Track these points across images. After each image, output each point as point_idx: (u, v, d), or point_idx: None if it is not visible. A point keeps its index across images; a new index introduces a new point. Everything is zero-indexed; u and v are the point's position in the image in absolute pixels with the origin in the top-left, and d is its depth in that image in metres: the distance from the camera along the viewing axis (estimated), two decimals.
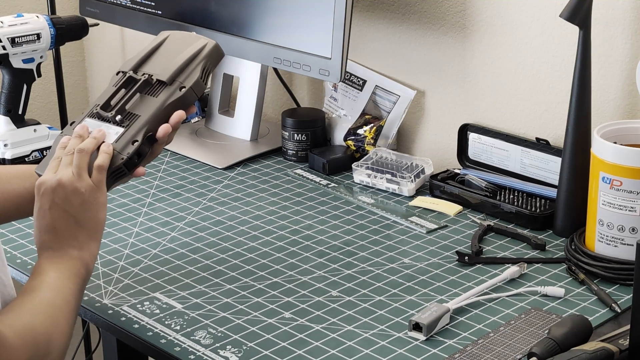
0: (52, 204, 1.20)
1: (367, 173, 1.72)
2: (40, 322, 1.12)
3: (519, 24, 1.65)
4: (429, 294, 1.36)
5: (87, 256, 1.21)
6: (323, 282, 1.40)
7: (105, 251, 1.50)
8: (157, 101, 1.29)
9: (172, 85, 1.30)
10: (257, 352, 1.23)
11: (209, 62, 1.34)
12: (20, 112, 1.85)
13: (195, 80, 1.31)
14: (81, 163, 1.22)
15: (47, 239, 1.20)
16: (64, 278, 1.18)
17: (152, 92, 1.31)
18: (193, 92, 1.31)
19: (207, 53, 1.33)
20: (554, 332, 1.18)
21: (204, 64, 1.32)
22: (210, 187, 1.74)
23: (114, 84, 1.35)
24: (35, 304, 1.14)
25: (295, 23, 1.70)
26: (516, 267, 1.39)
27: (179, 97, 1.29)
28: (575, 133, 1.47)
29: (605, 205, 1.36)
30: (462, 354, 1.20)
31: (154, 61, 1.34)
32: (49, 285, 1.16)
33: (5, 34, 1.78)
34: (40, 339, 1.11)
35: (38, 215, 1.21)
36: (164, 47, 1.37)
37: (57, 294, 1.16)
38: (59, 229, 1.20)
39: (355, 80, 1.87)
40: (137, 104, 1.30)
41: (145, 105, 1.29)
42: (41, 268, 1.19)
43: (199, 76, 1.31)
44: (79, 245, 1.20)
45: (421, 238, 1.53)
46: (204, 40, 1.35)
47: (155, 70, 1.32)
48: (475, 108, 1.75)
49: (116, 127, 1.28)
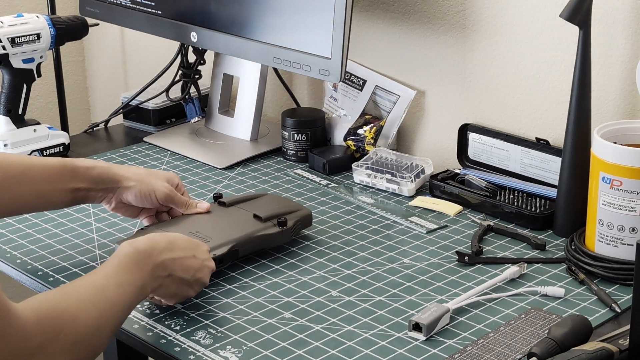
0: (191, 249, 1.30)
1: (367, 173, 1.72)
2: (66, 305, 1.09)
3: (519, 24, 1.65)
4: (429, 294, 1.35)
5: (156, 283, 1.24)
6: (323, 282, 1.40)
7: (105, 251, 1.50)
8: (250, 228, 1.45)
9: (266, 223, 1.46)
10: (257, 352, 1.22)
11: (300, 222, 1.49)
12: (20, 112, 1.85)
13: (287, 228, 1.46)
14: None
15: (143, 251, 1.23)
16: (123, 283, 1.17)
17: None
18: (281, 235, 1.46)
19: (303, 215, 1.50)
20: (554, 332, 1.18)
21: (295, 221, 1.48)
22: (210, 187, 1.74)
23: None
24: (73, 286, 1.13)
25: (295, 23, 1.70)
26: (516, 267, 1.39)
27: (269, 234, 1.44)
28: (575, 133, 1.47)
29: (605, 205, 1.36)
30: (462, 354, 1.20)
31: (253, 203, 1.52)
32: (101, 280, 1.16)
33: (5, 34, 1.78)
34: (64, 319, 1.07)
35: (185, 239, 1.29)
36: (263, 198, 1.54)
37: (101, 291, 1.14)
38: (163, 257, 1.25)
39: (355, 80, 1.87)
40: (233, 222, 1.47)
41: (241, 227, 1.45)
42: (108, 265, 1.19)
43: (291, 226, 1.46)
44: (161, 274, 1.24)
45: (421, 238, 1.53)
46: (300, 205, 1.54)
47: (254, 209, 1.50)
48: (475, 108, 1.75)
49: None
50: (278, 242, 1.47)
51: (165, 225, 1.45)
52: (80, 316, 1.09)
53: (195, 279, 1.29)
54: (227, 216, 1.48)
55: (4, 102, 1.83)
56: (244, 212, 1.49)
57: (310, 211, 1.52)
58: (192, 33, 1.86)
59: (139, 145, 1.95)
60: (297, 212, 1.50)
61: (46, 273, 1.43)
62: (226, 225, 1.45)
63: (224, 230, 1.43)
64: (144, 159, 1.87)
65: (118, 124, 2.10)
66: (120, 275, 1.17)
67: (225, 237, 1.41)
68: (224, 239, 1.41)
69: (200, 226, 1.43)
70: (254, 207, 1.50)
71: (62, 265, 1.45)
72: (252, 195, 1.55)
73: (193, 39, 1.87)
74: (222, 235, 1.42)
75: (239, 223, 1.46)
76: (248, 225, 1.45)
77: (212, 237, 1.40)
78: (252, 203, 1.52)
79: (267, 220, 1.46)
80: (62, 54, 2.17)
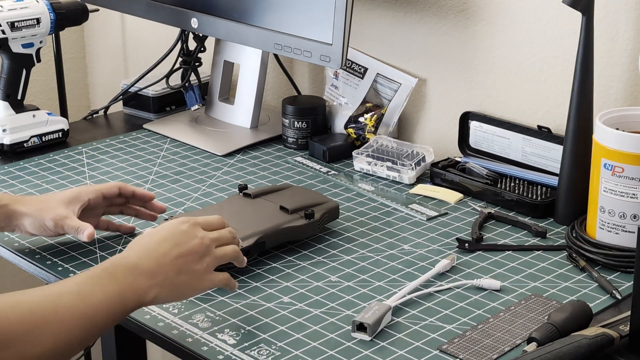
0: (179, 243, 1.17)
1: (368, 161, 1.71)
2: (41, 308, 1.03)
3: (521, 12, 1.64)
4: (428, 280, 1.35)
5: (149, 297, 1.13)
6: (322, 267, 1.39)
7: (104, 236, 1.49)
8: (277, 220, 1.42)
9: (293, 215, 1.44)
10: (255, 336, 1.22)
11: (327, 214, 1.47)
12: (19, 98, 1.84)
13: (314, 220, 1.44)
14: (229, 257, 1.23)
15: (138, 253, 1.15)
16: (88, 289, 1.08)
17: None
18: (308, 227, 1.43)
19: (330, 207, 1.48)
20: (554, 317, 1.17)
21: (322, 213, 1.46)
22: (209, 173, 1.73)
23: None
24: (47, 291, 1.07)
25: (296, 9, 1.69)
26: (447, 260, 1.38)
27: (296, 226, 1.42)
28: (577, 120, 1.46)
29: (607, 192, 1.36)
30: (462, 338, 1.20)
31: (279, 195, 1.49)
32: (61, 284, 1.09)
33: (4, 18, 1.77)
34: (36, 321, 1.02)
35: (158, 235, 1.17)
36: (289, 190, 1.52)
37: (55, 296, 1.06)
38: (160, 256, 1.15)
39: (356, 68, 1.86)
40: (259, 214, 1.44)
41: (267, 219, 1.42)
42: (98, 271, 1.11)
43: (318, 218, 1.44)
44: (155, 284, 1.13)
45: (421, 225, 1.52)
46: (327, 197, 1.52)
47: (280, 200, 1.47)
48: (477, 96, 1.74)
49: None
50: (305, 234, 1.44)
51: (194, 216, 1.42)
52: (11, 318, 1.01)
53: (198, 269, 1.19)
54: (252, 208, 1.46)
55: (3, 87, 1.82)
56: (270, 203, 1.46)
57: (337, 203, 1.50)
58: (192, 19, 1.85)
59: (139, 132, 1.94)
60: (324, 204, 1.48)
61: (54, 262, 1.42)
62: (252, 217, 1.42)
63: (250, 222, 1.41)
64: (144, 146, 1.87)
65: (118, 111, 2.09)
66: (82, 285, 1.09)
67: (251, 229, 1.38)
68: (251, 231, 1.38)
69: (226, 218, 1.40)
70: (279, 199, 1.47)
71: (66, 256, 1.45)
72: (277, 187, 1.53)
73: (194, 25, 1.86)
74: (249, 227, 1.39)
75: (265, 215, 1.43)
76: (274, 217, 1.42)
77: (238, 229, 1.37)
78: (278, 195, 1.50)
79: (293, 212, 1.44)
80: (62, 40, 2.16)
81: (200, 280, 1.18)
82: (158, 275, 1.14)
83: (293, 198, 1.48)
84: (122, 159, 1.81)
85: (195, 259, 1.18)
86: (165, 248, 1.16)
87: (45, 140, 1.85)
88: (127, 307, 1.11)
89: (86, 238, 1.36)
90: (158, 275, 1.14)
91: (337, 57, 1.63)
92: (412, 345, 1.19)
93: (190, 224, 1.20)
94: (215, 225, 1.24)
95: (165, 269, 1.15)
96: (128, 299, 1.11)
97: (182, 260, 1.16)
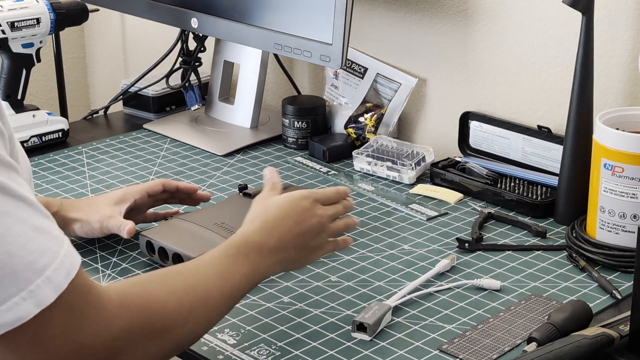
0: (299, 221, 1.20)
1: (368, 161, 1.71)
2: (156, 290, 1.01)
3: (521, 11, 1.64)
4: (428, 280, 1.35)
5: (273, 272, 1.18)
6: (322, 267, 1.39)
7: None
8: None
9: None
10: (255, 336, 1.22)
11: None
12: (19, 97, 1.84)
13: None
14: (340, 229, 1.27)
15: (262, 231, 1.18)
16: (229, 269, 1.11)
17: None
18: None
19: None
20: (554, 317, 1.17)
21: None
22: (209, 173, 1.73)
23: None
24: (166, 272, 1.06)
25: (296, 9, 1.69)
26: (447, 260, 1.38)
27: None
28: (577, 120, 1.46)
29: (607, 192, 1.36)
30: (462, 338, 1.20)
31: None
32: (204, 265, 1.10)
33: (4, 18, 1.77)
34: (152, 305, 0.99)
35: (280, 212, 1.20)
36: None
37: (203, 277, 1.08)
38: (282, 234, 1.19)
39: (356, 68, 1.86)
40: None
41: None
42: (232, 250, 1.14)
43: None
44: (278, 260, 1.18)
45: (421, 225, 1.52)
46: None
47: None
48: (477, 96, 1.74)
49: None
50: None
51: (191, 217, 1.43)
52: (170, 304, 1.01)
53: (313, 246, 1.23)
54: None
55: (3, 87, 1.82)
56: None
57: None
58: (192, 19, 1.85)
59: (139, 132, 1.94)
60: None
61: None
62: None
63: None
64: (144, 146, 1.87)
65: (118, 111, 2.09)
66: (223, 265, 1.11)
67: None
68: None
69: (226, 218, 1.41)
70: None
71: None
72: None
73: (194, 25, 1.86)
74: None
75: None
76: None
77: (238, 229, 1.37)
78: None
79: None
80: (62, 40, 2.16)
81: (313, 254, 1.24)
82: (281, 253, 1.18)
83: None
84: (122, 159, 1.81)
85: (313, 235, 1.22)
86: (288, 225, 1.20)
87: (45, 140, 1.85)
88: (256, 283, 1.16)
89: (126, 234, 1.39)
90: (281, 253, 1.18)
91: (337, 57, 1.63)
92: (412, 345, 1.19)
93: (311, 201, 1.24)
94: (333, 198, 1.28)
95: (287, 247, 1.19)
96: (258, 277, 1.16)
97: (302, 237, 1.21)
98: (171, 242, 1.35)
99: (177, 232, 1.38)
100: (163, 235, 1.38)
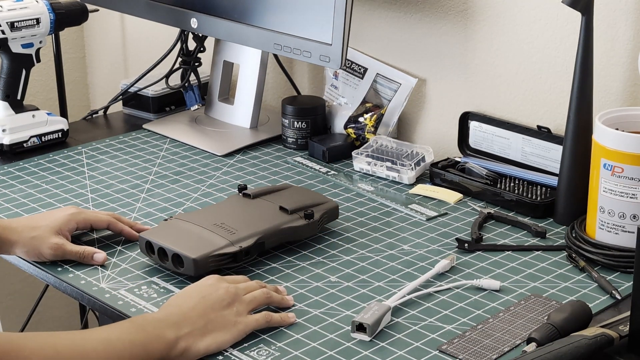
0: (205, 295, 1.20)
1: (367, 161, 1.71)
2: (24, 345, 1.03)
3: (520, 11, 1.64)
4: (428, 280, 1.34)
5: (179, 348, 1.14)
6: (322, 267, 1.39)
7: (103, 236, 1.49)
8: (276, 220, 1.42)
9: (293, 215, 1.43)
10: (255, 336, 1.22)
11: (327, 215, 1.47)
12: (18, 98, 1.84)
13: (313, 220, 1.44)
14: (258, 300, 1.25)
15: (165, 309, 1.19)
16: (116, 336, 1.11)
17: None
18: (308, 228, 1.43)
19: (329, 208, 1.48)
20: (554, 317, 1.17)
21: (322, 214, 1.46)
22: (209, 173, 1.73)
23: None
24: (74, 334, 1.08)
25: (295, 9, 1.68)
26: (446, 260, 1.38)
27: (296, 226, 1.42)
28: (577, 120, 1.46)
29: (607, 192, 1.36)
30: (462, 339, 1.20)
31: (278, 195, 1.49)
32: (110, 334, 1.11)
33: (4, 19, 1.77)
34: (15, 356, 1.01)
35: (185, 294, 1.21)
36: (288, 190, 1.52)
37: (108, 344, 1.09)
38: (188, 310, 1.18)
39: (356, 68, 1.86)
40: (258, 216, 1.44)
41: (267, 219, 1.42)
42: (126, 322, 1.14)
43: (318, 218, 1.44)
44: (183, 335, 1.15)
45: (421, 225, 1.52)
46: (327, 198, 1.51)
47: (280, 201, 1.47)
48: (477, 96, 1.74)
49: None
50: (304, 234, 1.44)
51: (190, 217, 1.43)
52: (35, 356, 1.03)
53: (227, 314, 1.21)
54: (252, 208, 1.46)
55: (3, 87, 1.82)
56: (269, 204, 1.46)
57: (336, 204, 1.50)
58: (192, 19, 1.85)
59: (138, 132, 1.94)
60: (323, 204, 1.48)
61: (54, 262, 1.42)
62: (252, 217, 1.42)
63: (250, 222, 1.40)
64: (143, 146, 1.87)
65: (117, 111, 2.09)
66: (109, 332, 1.11)
67: (251, 229, 1.38)
68: (250, 231, 1.38)
69: (225, 218, 1.41)
70: (279, 199, 1.47)
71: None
72: (277, 187, 1.52)
73: (193, 25, 1.86)
74: (248, 227, 1.39)
75: (264, 215, 1.43)
76: (274, 218, 1.42)
77: (237, 229, 1.38)
78: (277, 195, 1.49)
79: (293, 213, 1.43)
80: (61, 40, 2.16)
81: (236, 325, 1.20)
82: (185, 327, 1.16)
83: (292, 198, 1.48)
84: (121, 159, 1.81)
85: (223, 305, 1.21)
86: (192, 302, 1.20)
87: (44, 141, 1.85)
88: (152, 357, 1.12)
89: (101, 262, 1.40)
90: (185, 327, 1.16)
91: (337, 57, 1.62)
92: (412, 346, 1.19)
93: (215, 279, 1.25)
94: (240, 280, 1.28)
95: (192, 320, 1.17)
96: (154, 349, 1.13)
97: (210, 310, 1.19)
98: (171, 242, 1.36)
99: (177, 233, 1.38)
100: (162, 235, 1.38)
